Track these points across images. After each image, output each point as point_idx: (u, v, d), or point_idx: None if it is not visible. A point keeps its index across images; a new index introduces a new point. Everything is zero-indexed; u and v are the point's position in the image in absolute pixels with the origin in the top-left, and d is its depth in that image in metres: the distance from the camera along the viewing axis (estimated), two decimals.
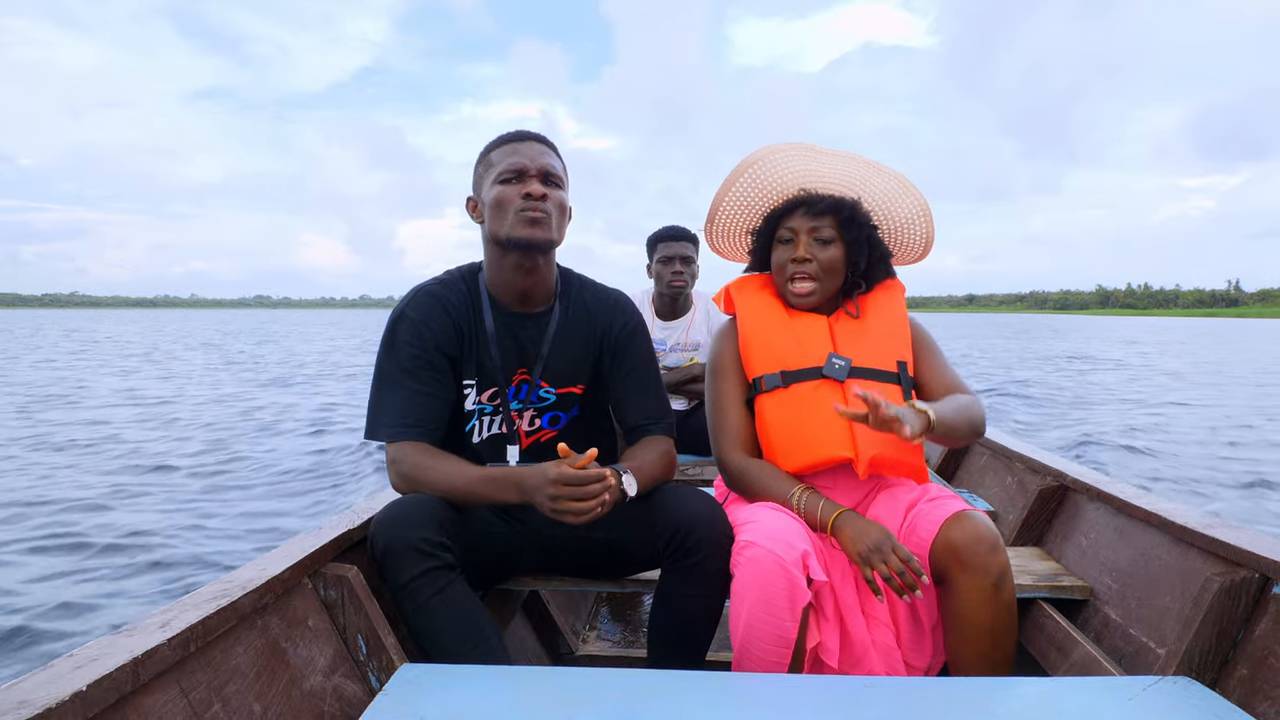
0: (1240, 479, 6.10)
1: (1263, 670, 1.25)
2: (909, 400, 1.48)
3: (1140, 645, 1.50)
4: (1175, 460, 6.90)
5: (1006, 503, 2.33)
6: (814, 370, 1.58)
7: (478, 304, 1.59)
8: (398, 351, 1.54)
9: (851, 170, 1.61)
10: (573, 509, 1.31)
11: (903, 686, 1.23)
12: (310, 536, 1.47)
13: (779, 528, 1.37)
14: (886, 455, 1.52)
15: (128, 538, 4.12)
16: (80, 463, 6.23)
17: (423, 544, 1.34)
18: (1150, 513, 1.63)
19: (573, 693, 1.17)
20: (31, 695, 0.84)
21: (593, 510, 1.32)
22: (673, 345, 3.09)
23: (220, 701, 1.06)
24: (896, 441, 1.51)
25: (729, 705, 1.15)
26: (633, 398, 1.64)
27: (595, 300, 1.66)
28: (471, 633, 1.36)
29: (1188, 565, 1.49)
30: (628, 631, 2.27)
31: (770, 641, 1.34)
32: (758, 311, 1.66)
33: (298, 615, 1.31)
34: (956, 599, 1.37)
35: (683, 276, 2.97)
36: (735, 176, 1.65)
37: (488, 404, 1.60)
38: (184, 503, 4.98)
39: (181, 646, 1.02)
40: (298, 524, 4.50)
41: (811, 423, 1.55)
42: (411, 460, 1.47)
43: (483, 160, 1.55)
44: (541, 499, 1.33)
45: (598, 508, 1.32)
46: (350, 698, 1.30)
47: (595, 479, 1.32)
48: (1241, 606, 1.32)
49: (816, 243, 1.59)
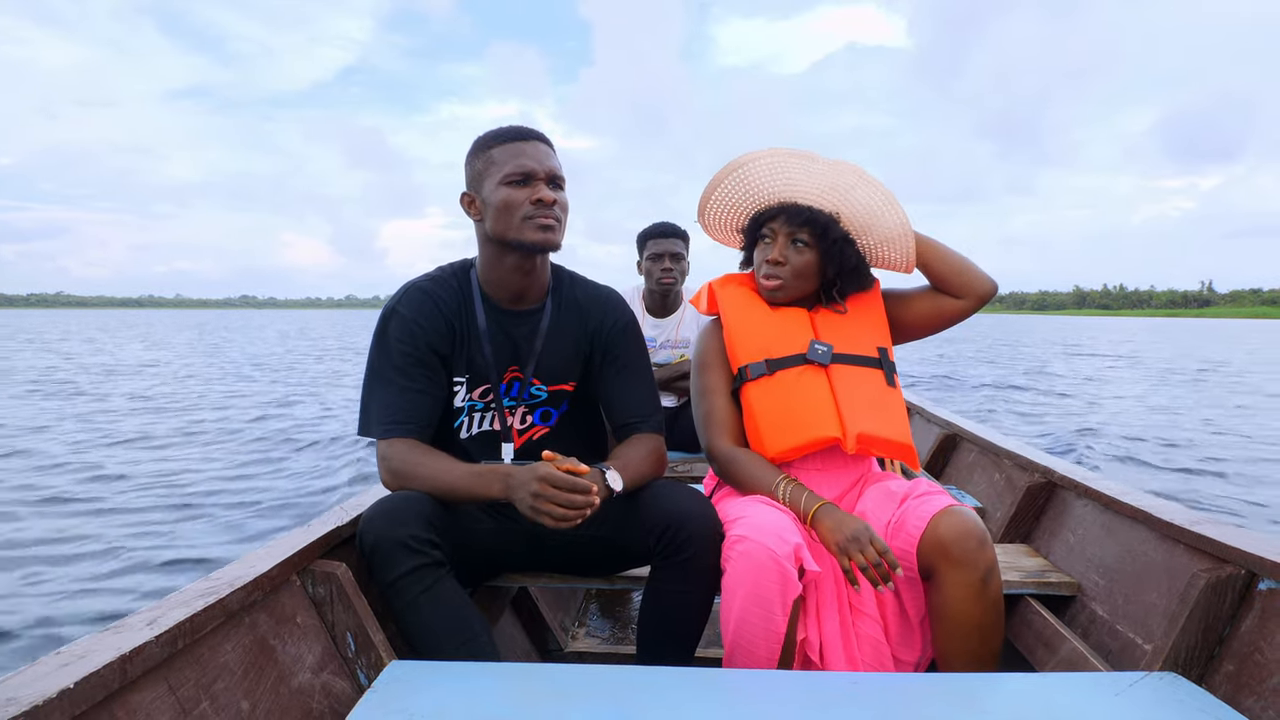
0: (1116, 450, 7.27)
1: (1248, 666, 1.26)
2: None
3: (1127, 641, 1.51)
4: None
5: (994, 499, 2.34)
6: (798, 357, 1.62)
7: (469, 301, 1.58)
8: (389, 348, 1.53)
9: (835, 181, 1.63)
10: (552, 512, 1.31)
11: (890, 682, 1.23)
12: (298, 533, 1.46)
13: (770, 521, 1.37)
14: (874, 433, 1.55)
15: (128, 537, 4.12)
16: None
17: (411, 541, 1.33)
18: (1137, 509, 1.64)
19: (562, 689, 1.16)
20: (18, 693, 0.83)
21: (571, 521, 1.32)
22: (663, 342, 3.09)
23: (208, 699, 1.06)
24: (883, 418, 1.57)
25: (718, 701, 1.16)
26: (623, 395, 1.63)
27: (587, 297, 1.66)
28: (460, 629, 1.36)
29: (1174, 561, 1.50)
30: (617, 628, 2.27)
31: (761, 636, 1.35)
32: (741, 306, 1.70)
33: (286, 612, 1.30)
34: (944, 594, 1.38)
35: (672, 273, 2.96)
36: (722, 177, 1.69)
37: (479, 401, 1.60)
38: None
39: (169, 644, 1.02)
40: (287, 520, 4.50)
41: (798, 406, 1.58)
42: (401, 457, 1.47)
43: (481, 156, 1.52)
44: (524, 495, 1.33)
45: (577, 519, 1.32)
46: (339, 695, 1.30)
47: (581, 489, 1.32)
48: (1227, 602, 1.33)
49: (792, 246, 1.63)
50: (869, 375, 1.63)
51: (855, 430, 1.54)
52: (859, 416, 1.56)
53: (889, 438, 1.57)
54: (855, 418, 1.56)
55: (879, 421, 1.57)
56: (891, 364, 1.67)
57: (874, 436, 1.55)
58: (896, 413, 1.61)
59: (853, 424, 1.55)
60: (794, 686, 1.19)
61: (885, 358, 1.66)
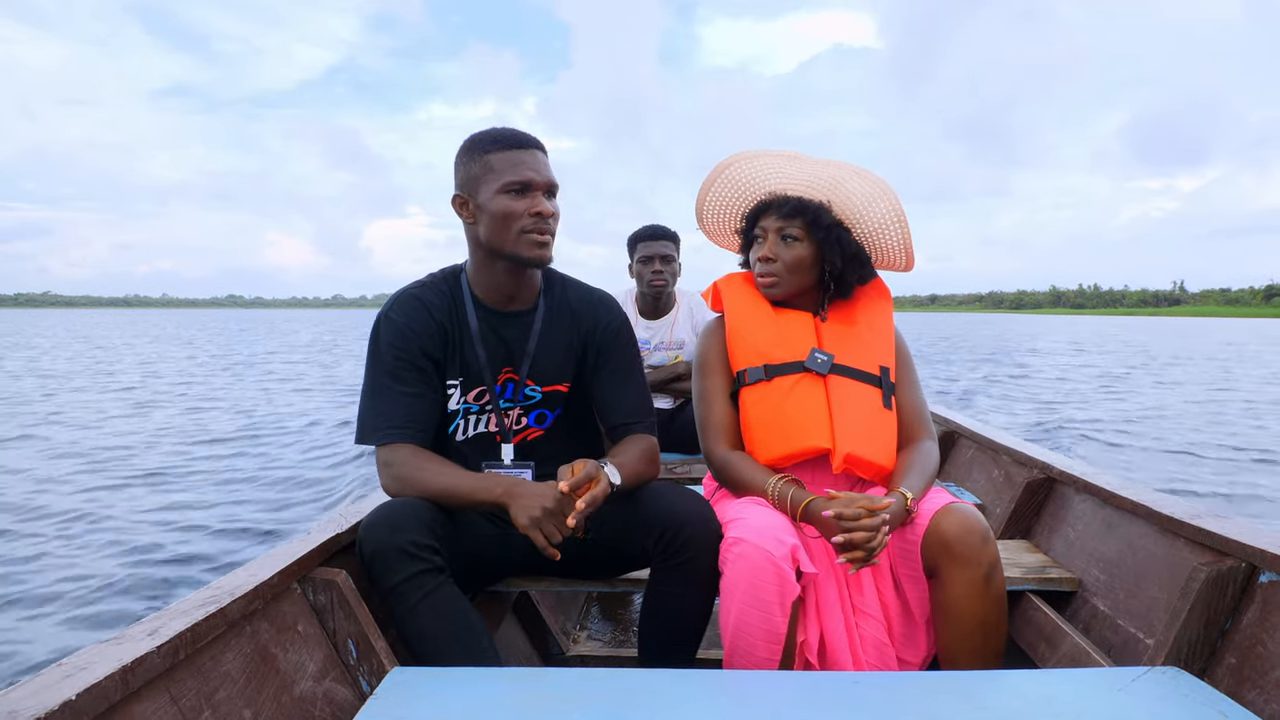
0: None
1: (1251, 659, 1.26)
2: (892, 492, 1.48)
3: (1129, 636, 1.51)
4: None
5: (994, 496, 2.34)
6: (796, 364, 1.61)
7: (460, 304, 1.58)
8: (381, 355, 1.53)
9: (825, 173, 1.62)
10: (549, 535, 1.35)
11: (892, 681, 1.23)
12: (298, 541, 1.45)
13: (767, 523, 1.37)
14: (862, 455, 1.53)
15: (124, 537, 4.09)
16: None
17: (411, 547, 1.33)
18: (1137, 504, 1.64)
19: (564, 693, 1.16)
20: (21, 705, 0.83)
21: (550, 551, 1.36)
22: (656, 344, 3.09)
23: (210, 708, 1.05)
24: (875, 444, 1.55)
25: (720, 703, 1.15)
26: (616, 397, 1.63)
27: (579, 299, 1.66)
28: (461, 635, 1.36)
29: (1175, 555, 1.50)
30: (618, 631, 2.27)
31: (761, 637, 1.35)
32: (744, 307, 1.69)
33: (287, 620, 1.30)
34: (947, 592, 1.38)
35: (663, 276, 2.97)
36: (713, 179, 1.70)
37: (473, 404, 1.60)
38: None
39: (171, 654, 1.01)
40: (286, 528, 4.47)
41: (792, 413, 1.57)
42: (402, 462, 1.47)
43: (477, 160, 1.50)
44: (529, 503, 1.35)
45: (554, 553, 1.36)
46: (341, 702, 1.29)
47: (574, 527, 1.36)
48: (1229, 596, 1.33)
49: (782, 241, 1.62)
50: (867, 393, 1.60)
51: (844, 449, 1.52)
52: (850, 435, 1.53)
53: (877, 462, 1.54)
54: (846, 435, 1.53)
55: (870, 445, 1.54)
56: (891, 385, 1.64)
57: (861, 459, 1.53)
58: (888, 437, 1.59)
59: (843, 442, 1.53)
60: (796, 687, 1.19)
61: (886, 378, 1.63)
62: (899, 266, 1.68)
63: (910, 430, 1.63)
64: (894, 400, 1.63)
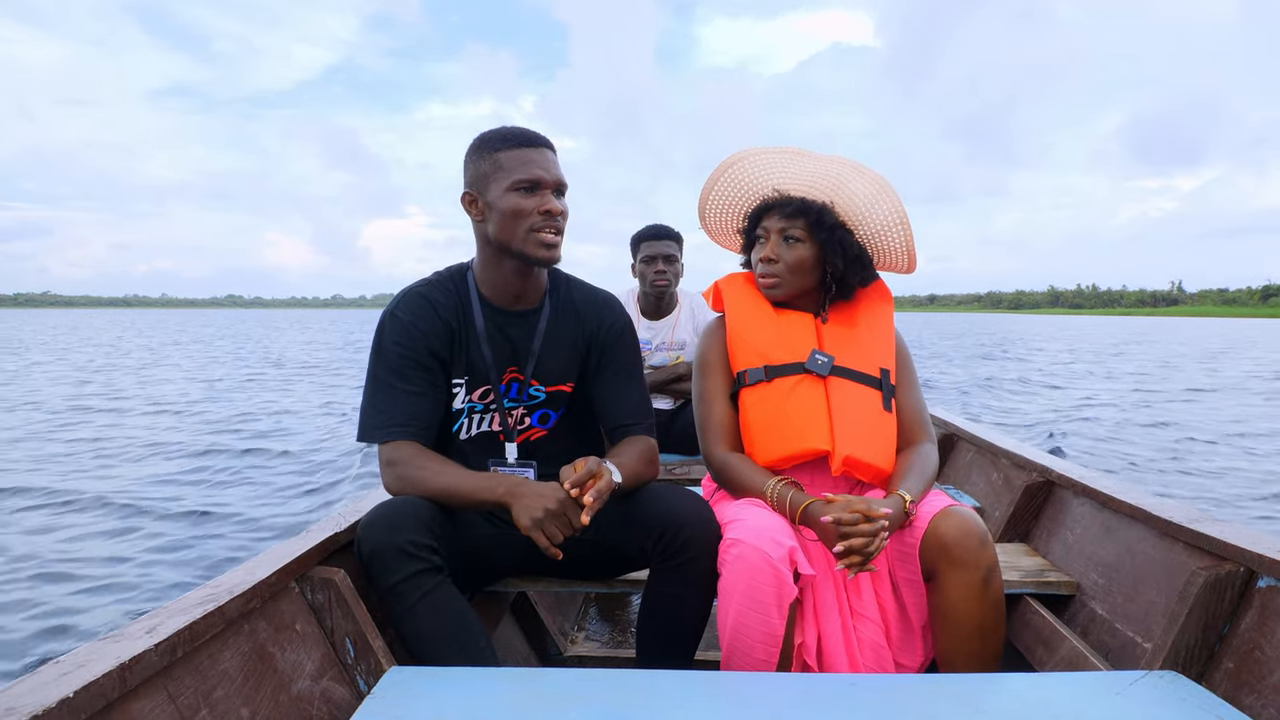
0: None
1: (1248, 663, 1.26)
2: (891, 494, 1.48)
3: (1127, 640, 1.51)
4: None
5: (992, 499, 2.34)
6: (796, 365, 1.61)
7: (467, 302, 1.58)
8: (386, 353, 1.53)
9: (828, 172, 1.62)
10: (551, 536, 1.35)
11: (891, 683, 1.23)
12: (297, 540, 1.45)
13: (765, 525, 1.37)
14: (861, 458, 1.53)
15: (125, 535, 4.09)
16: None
17: (409, 546, 1.33)
18: (1135, 508, 1.64)
19: (561, 693, 1.16)
20: (18, 702, 0.83)
21: (552, 551, 1.36)
22: (658, 344, 3.09)
23: (208, 707, 1.05)
24: (874, 446, 1.55)
25: (718, 704, 1.15)
26: (616, 398, 1.63)
27: (584, 300, 1.66)
28: (459, 635, 1.36)
29: (1173, 560, 1.50)
30: (616, 632, 2.27)
31: (758, 639, 1.34)
32: (745, 308, 1.69)
33: (285, 619, 1.30)
34: (945, 594, 1.38)
35: (666, 276, 2.96)
36: (716, 178, 1.69)
37: (478, 402, 1.60)
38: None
39: (168, 652, 1.01)
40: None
41: (791, 415, 1.57)
42: (405, 461, 1.47)
43: (487, 158, 1.50)
44: (531, 504, 1.34)
45: (556, 553, 1.36)
46: (339, 701, 1.29)
47: (578, 528, 1.36)
48: (1227, 600, 1.33)
49: (784, 242, 1.62)
50: (867, 395, 1.60)
51: (844, 452, 1.52)
52: (849, 438, 1.54)
53: (876, 465, 1.55)
54: (846, 438, 1.54)
55: (869, 447, 1.54)
56: (892, 387, 1.64)
57: (860, 461, 1.53)
58: (887, 440, 1.59)
59: (843, 444, 1.53)
60: (793, 689, 1.19)
61: (886, 380, 1.63)
62: (901, 268, 1.68)
63: (910, 432, 1.63)
64: (894, 402, 1.63)
